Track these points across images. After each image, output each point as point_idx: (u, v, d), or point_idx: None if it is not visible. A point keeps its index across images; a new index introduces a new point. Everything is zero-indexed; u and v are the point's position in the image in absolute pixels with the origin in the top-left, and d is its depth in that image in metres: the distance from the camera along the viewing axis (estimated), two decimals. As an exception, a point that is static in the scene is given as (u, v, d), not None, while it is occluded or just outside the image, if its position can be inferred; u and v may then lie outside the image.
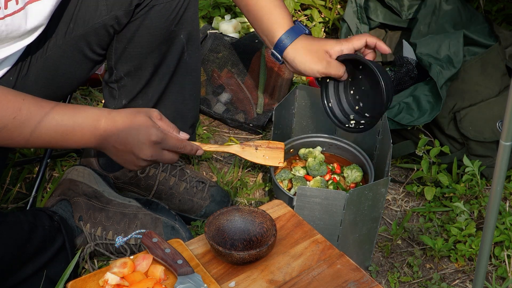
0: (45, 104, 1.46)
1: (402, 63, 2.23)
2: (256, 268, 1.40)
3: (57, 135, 1.48)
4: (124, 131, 1.52)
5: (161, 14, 1.75)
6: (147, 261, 1.37)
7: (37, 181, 1.94)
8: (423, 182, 2.10)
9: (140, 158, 1.54)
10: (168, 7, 1.75)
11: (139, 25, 1.75)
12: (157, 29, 1.77)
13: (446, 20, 2.26)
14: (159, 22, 1.76)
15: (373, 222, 1.76)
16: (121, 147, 1.53)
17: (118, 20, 1.72)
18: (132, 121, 1.52)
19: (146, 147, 1.53)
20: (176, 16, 1.77)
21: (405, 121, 2.08)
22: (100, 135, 1.51)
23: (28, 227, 1.64)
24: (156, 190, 1.96)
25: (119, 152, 1.54)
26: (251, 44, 2.46)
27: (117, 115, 1.52)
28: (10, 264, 1.58)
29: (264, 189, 2.09)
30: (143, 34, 1.77)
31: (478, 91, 2.12)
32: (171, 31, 1.79)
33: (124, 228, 1.80)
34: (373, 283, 1.37)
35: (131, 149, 1.53)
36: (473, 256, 1.88)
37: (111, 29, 1.73)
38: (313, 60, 1.74)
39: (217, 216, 1.46)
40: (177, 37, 1.82)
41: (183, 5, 1.78)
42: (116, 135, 1.52)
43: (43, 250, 1.66)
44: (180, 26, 1.80)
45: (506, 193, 2.07)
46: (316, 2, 2.79)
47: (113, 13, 1.70)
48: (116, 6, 1.70)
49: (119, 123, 1.52)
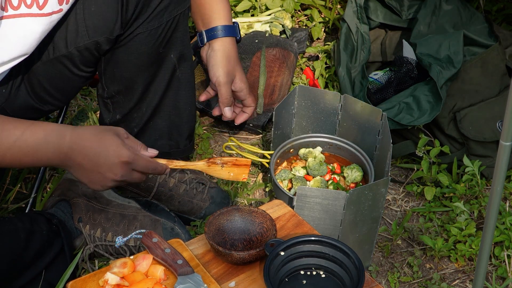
0: (9, 124, 1.42)
1: (402, 63, 2.23)
2: (256, 268, 1.40)
3: (19, 154, 1.43)
4: (92, 150, 1.46)
5: (146, 40, 1.70)
6: (147, 261, 1.37)
7: (37, 181, 1.94)
8: (423, 182, 2.10)
9: (108, 178, 1.48)
10: (153, 34, 1.70)
11: (123, 51, 1.71)
12: (143, 54, 1.72)
13: (446, 20, 2.26)
14: (146, 48, 1.71)
15: (373, 222, 1.76)
16: (89, 166, 1.46)
17: (99, 45, 1.67)
18: (100, 140, 1.46)
19: (116, 167, 1.47)
20: (164, 39, 1.73)
21: (405, 121, 2.07)
22: (65, 153, 1.45)
23: (24, 235, 1.64)
24: (156, 191, 1.96)
25: (85, 171, 1.47)
26: (251, 44, 2.46)
27: (83, 133, 1.47)
28: (7, 273, 1.58)
29: (264, 189, 2.09)
30: (130, 59, 1.73)
31: (478, 91, 2.12)
32: (159, 53, 1.75)
33: (124, 230, 1.79)
34: (373, 283, 1.37)
35: (99, 169, 1.46)
36: (473, 256, 1.88)
37: (95, 51, 1.69)
38: (224, 67, 1.86)
39: (217, 216, 1.46)
40: (166, 57, 1.77)
41: (171, 27, 1.72)
42: (83, 154, 1.46)
43: (41, 256, 1.66)
44: (169, 47, 1.76)
45: (506, 193, 2.07)
46: (316, 2, 2.79)
47: (94, 39, 1.65)
48: (97, 33, 1.64)
49: (86, 141, 1.45)
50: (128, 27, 1.67)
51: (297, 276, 1.37)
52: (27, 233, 1.65)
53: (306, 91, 1.98)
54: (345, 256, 1.35)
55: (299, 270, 1.37)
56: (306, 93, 1.98)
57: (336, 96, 1.96)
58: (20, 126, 1.43)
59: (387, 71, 2.33)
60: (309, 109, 2.01)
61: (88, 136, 1.46)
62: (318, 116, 2.00)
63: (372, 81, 2.31)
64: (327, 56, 2.57)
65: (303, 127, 2.04)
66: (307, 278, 1.37)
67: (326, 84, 2.50)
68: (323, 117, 2.00)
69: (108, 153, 1.46)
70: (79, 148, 1.45)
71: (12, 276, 1.60)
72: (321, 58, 2.57)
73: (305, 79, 2.52)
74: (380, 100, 2.20)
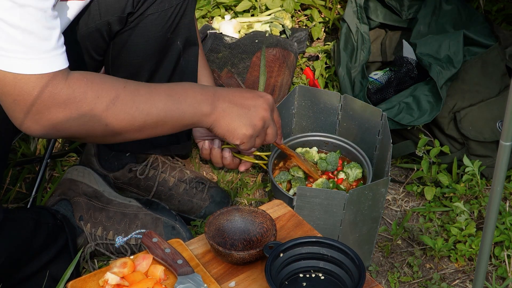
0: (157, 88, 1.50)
1: (402, 63, 2.23)
2: (256, 268, 1.40)
3: (169, 100, 1.47)
4: (238, 90, 1.58)
5: (156, 22, 1.72)
6: (147, 261, 1.37)
7: (37, 181, 1.94)
8: (423, 182, 2.10)
9: (256, 116, 1.57)
10: (164, 16, 1.72)
11: (133, 33, 1.73)
12: (152, 37, 1.74)
13: (446, 20, 2.26)
14: (155, 31, 1.74)
15: (373, 222, 1.76)
16: (240, 100, 1.56)
17: (110, 26, 1.69)
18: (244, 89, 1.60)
19: (262, 106, 1.57)
20: (172, 24, 1.74)
21: (405, 121, 2.08)
22: (213, 94, 1.52)
23: (33, 224, 1.64)
24: (156, 191, 1.96)
25: (234, 108, 1.55)
26: (251, 44, 2.46)
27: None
28: (18, 259, 1.58)
29: (264, 189, 2.09)
30: (138, 42, 1.75)
31: (478, 91, 2.12)
32: (167, 38, 1.76)
33: (125, 228, 1.80)
34: (373, 283, 1.37)
35: (249, 104, 1.56)
36: (473, 256, 1.88)
37: (105, 34, 1.71)
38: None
39: (217, 216, 1.46)
40: (173, 43, 1.79)
41: (179, 12, 1.74)
42: (232, 92, 1.56)
43: (46, 248, 1.67)
44: (176, 33, 1.77)
45: (506, 193, 2.07)
46: (316, 2, 2.79)
47: (106, 19, 1.67)
48: (108, 12, 1.67)
49: (230, 89, 1.58)
50: (139, 7, 1.68)
51: (296, 279, 1.37)
52: (34, 223, 1.65)
53: (306, 91, 1.98)
54: (345, 256, 1.35)
55: (298, 273, 1.37)
56: (306, 93, 1.98)
57: (336, 96, 1.96)
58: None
59: (387, 71, 2.33)
60: (309, 109, 2.00)
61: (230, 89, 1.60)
62: (318, 116, 2.00)
63: (372, 81, 2.32)
64: (327, 56, 2.57)
65: (303, 127, 2.04)
66: (307, 280, 1.37)
67: (326, 84, 2.50)
68: (323, 117, 1.99)
69: (254, 94, 1.60)
70: (226, 91, 1.56)
71: (21, 263, 1.60)
72: (321, 58, 2.57)
73: (305, 79, 2.52)
74: (380, 100, 2.20)
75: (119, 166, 1.98)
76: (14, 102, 1.32)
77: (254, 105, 1.59)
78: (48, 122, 1.36)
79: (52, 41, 1.31)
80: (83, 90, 1.37)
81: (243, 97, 1.59)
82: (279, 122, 1.70)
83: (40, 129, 1.36)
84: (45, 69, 1.31)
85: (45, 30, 1.29)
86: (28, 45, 1.28)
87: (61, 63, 1.34)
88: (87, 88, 1.37)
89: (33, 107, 1.33)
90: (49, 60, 1.31)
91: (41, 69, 1.30)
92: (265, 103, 1.61)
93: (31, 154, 2.13)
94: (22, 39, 1.27)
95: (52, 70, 1.32)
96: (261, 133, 1.63)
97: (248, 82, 2.39)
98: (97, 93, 1.38)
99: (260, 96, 1.62)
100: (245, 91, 1.62)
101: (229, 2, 2.79)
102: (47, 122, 1.36)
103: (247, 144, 1.61)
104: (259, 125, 1.60)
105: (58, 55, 1.33)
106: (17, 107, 1.33)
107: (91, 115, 1.38)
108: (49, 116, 1.35)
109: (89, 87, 1.38)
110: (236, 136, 1.58)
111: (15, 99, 1.32)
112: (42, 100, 1.32)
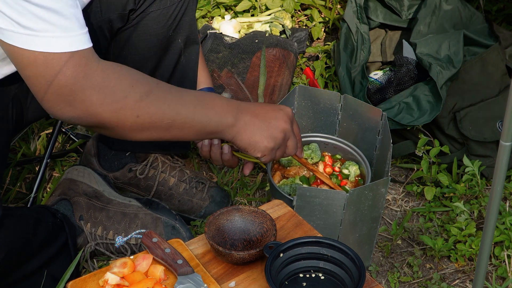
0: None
1: (402, 63, 2.23)
2: (256, 268, 1.40)
3: (198, 104, 1.48)
4: (260, 104, 1.61)
5: (157, 20, 1.73)
6: (147, 261, 1.37)
7: (37, 181, 1.94)
8: (423, 182, 2.10)
9: (277, 128, 1.58)
10: (165, 13, 1.73)
11: (135, 31, 1.73)
12: (154, 35, 1.75)
13: (446, 20, 2.26)
14: (156, 28, 1.74)
15: (373, 222, 1.76)
16: (261, 113, 1.57)
17: (111, 23, 1.69)
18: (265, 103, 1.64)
19: (283, 118, 1.59)
20: (174, 21, 1.75)
21: (405, 121, 2.08)
22: (237, 107, 1.54)
23: (33, 222, 1.64)
24: (156, 190, 1.96)
25: (256, 120, 1.56)
26: (251, 44, 2.46)
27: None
28: (18, 256, 1.58)
29: (264, 189, 2.09)
30: (140, 40, 1.75)
31: (478, 91, 2.12)
32: (168, 36, 1.77)
33: (125, 228, 1.80)
34: (373, 283, 1.37)
35: (269, 114, 1.58)
36: (473, 256, 1.88)
37: (106, 32, 1.71)
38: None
39: (217, 216, 1.46)
40: (174, 41, 1.79)
41: (180, 10, 1.75)
42: (253, 106, 1.58)
43: (46, 246, 1.67)
44: (177, 31, 1.78)
45: (506, 193, 2.07)
46: (316, 2, 2.79)
47: (107, 16, 1.67)
48: (109, 9, 1.67)
49: (253, 103, 1.62)
50: (141, 3, 1.69)
51: (296, 279, 1.37)
52: (34, 221, 1.65)
53: (306, 91, 1.98)
54: (345, 256, 1.35)
55: (298, 273, 1.37)
56: (306, 93, 1.98)
57: (336, 96, 1.95)
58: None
59: (387, 71, 2.33)
60: (309, 109, 2.00)
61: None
62: (318, 116, 2.00)
63: (372, 81, 2.32)
64: (327, 56, 2.57)
65: (303, 127, 2.04)
66: (307, 280, 1.37)
67: (326, 84, 2.50)
68: (323, 117, 1.99)
69: (277, 106, 1.63)
70: (249, 105, 1.59)
71: (21, 261, 1.60)
72: (321, 58, 2.57)
73: (305, 79, 2.52)
74: (380, 100, 2.20)
75: (119, 166, 1.98)
76: (47, 83, 1.30)
77: (275, 117, 1.60)
78: (81, 105, 1.34)
79: (77, 20, 1.31)
80: (117, 76, 1.37)
81: (264, 109, 1.60)
82: (299, 134, 1.70)
83: (72, 111, 1.34)
84: (76, 47, 1.30)
85: (69, 9, 1.29)
86: (55, 24, 1.27)
87: (89, 41, 1.34)
88: (121, 76, 1.37)
89: (66, 88, 1.31)
90: (78, 38, 1.31)
91: (71, 47, 1.30)
92: (285, 115, 1.62)
93: (31, 154, 2.13)
94: (48, 17, 1.26)
95: (82, 48, 1.31)
96: (282, 145, 1.63)
97: (248, 82, 2.39)
98: (131, 82, 1.39)
99: (280, 109, 1.63)
100: (265, 104, 1.64)
101: (229, 2, 2.79)
102: (81, 105, 1.34)
103: (268, 156, 1.61)
104: (280, 138, 1.60)
105: (84, 34, 1.33)
106: (51, 88, 1.31)
107: (124, 103, 1.37)
108: (84, 98, 1.33)
109: (123, 76, 1.38)
110: (258, 149, 1.59)
111: (48, 80, 1.30)
112: (77, 79, 1.31)
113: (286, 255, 1.36)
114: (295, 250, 1.37)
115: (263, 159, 1.62)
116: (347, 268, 1.35)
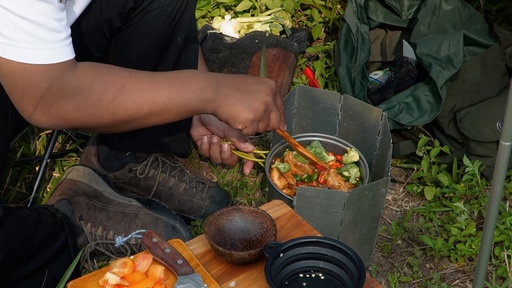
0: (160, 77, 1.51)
1: (402, 63, 2.23)
2: (256, 268, 1.40)
3: (173, 88, 1.48)
4: (240, 75, 1.60)
5: (157, 18, 1.73)
6: (147, 261, 1.37)
7: (37, 181, 1.94)
8: (423, 182, 2.10)
9: (257, 100, 1.57)
10: (164, 12, 1.73)
11: (135, 29, 1.74)
12: (153, 33, 1.75)
13: (446, 20, 2.26)
14: (156, 27, 1.74)
15: (373, 222, 1.76)
16: (242, 85, 1.57)
17: (111, 22, 1.69)
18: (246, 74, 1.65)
19: (264, 90, 1.58)
20: (173, 20, 1.75)
21: (405, 121, 2.08)
22: (217, 80, 1.54)
23: (33, 222, 1.65)
24: (156, 190, 1.96)
25: (236, 94, 1.56)
26: (251, 44, 2.46)
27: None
28: (18, 256, 1.58)
29: (264, 189, 2.09)
30: (140, 39, 1.75)
31: (478, 91, 2.12)
32: (168, 35, 1.77)
33: (125, 228, 1.80)
34: (373, 283, 1.37)
35: (250, 87, 1.57)
36: (473, 256, 1.88)
37: (106, 31, 1.71)
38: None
39: (217, 216, 1.46)
40: (174, 40, 1.79)
41: (180, 9, 1.75)
42: (234, 78, 1.58)
43: (46, 246, 1.67)
44: (177, 30, 1.78)
45: (506, 193, 2.07)
46: (316, 2, 2.79)
47: (107, 15, 1.68)
48: (109, 8, 1.67)
49: (233, 75, 1.62)
50: (141, 2, 1.69)
51: (296, 279, 1.37)
52: (34, 221, 1.66)
53: (306, 91, 1.98)
54: (345, 256, 1.35)
55: (298, 273, 1.37)
56: (306, 93, 1.98)
57: (336, 96, 1.95)
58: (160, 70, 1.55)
59: (387, 71, 2.33)
60: (309, 109, 2.00)
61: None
62: (318, 116, 2.00)
63: (372, 81, 2.32)
64: (327, 56, 2.57)
65: (303, 127, 2.04)
66: (307, 280, 1.37)
67: (326, 84, 2.50)
68: (323, 117, 1.99)
69: (257, 79, 1.61)
70: (229, 77, 1.58)
71: (21, 261, 1.60)
72: (321, 58, 2.57)
73: (305, 79, 2.52)
74: (380, 100, 2.20)
75: (119, 165, 1.98)
76: (23, 94, 1.33)
77: (256, 89, 1.60)
78: (57, 114, 1.38)
79: (59, 32, 1.33)
80: (90, 81, 1.39)
81: (245, 82, 1.60)
82: (282, 107, 1.70)
83: (49, 120, 1.39)
84: (53, 59, 1.32)
85: (52, 21, 1.30)
86: (36, 36, 1.29)
87: (68, 53, 1.36)
88: (93, 79, 1.39)
89: (42, 99, 1.34)
90: (57, 51, 1.33)
91: (49, 59, 1.31)
92: (267, 88, 1.62)
93: (31, 154, 2.13)
94: (30, 29, 1.27)
95: (60, 61, 1.33)
96: (264, 117, 1.63)
97: (248, 82, 2.39)
98: (103, 83, 1.41)
99: (262, 81, 1.63)
100: (247, 76, 1.64)
101: (229, 2, 2.79)
102: (56, 114, 1.38)
103: (249, 128, 1.61)
104: (260, 109, 1.60)
105: (65, 46, 1.35)
106: (26, 99, 1.34)
107: (99, 105, 1.40)
108: (58, 108, 1.37)
109: (95, 79, 1.40)
110: (239, 121, 1.59)
111: (24, 91, 1.33)
112: (51, 92, 1.34)
113: (286, 255, 1.36)
114: (295, 250, 1.37)
115: (245, 131, 1.62)
116: (347, 268, 1.35)
